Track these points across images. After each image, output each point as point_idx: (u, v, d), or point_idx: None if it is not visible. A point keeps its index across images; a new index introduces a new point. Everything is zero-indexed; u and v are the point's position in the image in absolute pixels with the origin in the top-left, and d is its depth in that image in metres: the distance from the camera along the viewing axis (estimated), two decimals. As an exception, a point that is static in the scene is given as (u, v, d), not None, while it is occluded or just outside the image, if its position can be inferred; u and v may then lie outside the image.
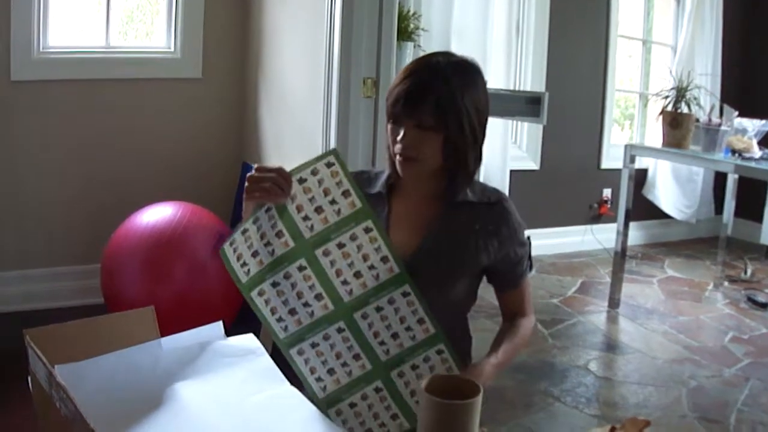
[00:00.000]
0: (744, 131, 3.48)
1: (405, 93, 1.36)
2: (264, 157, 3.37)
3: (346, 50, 2.50)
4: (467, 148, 1.41)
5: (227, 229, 2.99)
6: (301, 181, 1.27)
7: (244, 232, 1.26)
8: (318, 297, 1.28)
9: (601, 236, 4.86)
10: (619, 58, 5.00)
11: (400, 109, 1.37)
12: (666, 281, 4.45)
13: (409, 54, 2.96)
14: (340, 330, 1.29)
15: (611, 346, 3.40)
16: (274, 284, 1.27)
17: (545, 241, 4.71)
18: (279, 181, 1.25)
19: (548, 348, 3.30)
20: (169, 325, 1.35)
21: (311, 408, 1.21)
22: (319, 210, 1.27)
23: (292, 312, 1.28)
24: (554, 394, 2.83)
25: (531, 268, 1.55)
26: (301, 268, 1.27)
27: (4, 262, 3.20)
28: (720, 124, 3.46)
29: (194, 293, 2.70)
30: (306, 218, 1.27)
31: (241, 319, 2.76)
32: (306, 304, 1.28)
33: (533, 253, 1.58)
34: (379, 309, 1.30)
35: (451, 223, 1.45)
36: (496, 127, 4.22)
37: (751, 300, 4.06)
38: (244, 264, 1.26)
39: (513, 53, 4.39)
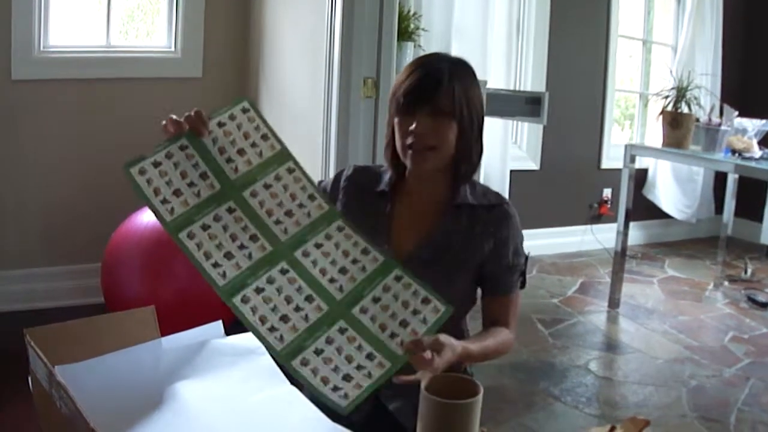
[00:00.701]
0: (744, 131, 3.48)
1: (419, 82, 1.37)
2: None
3: (346, 50, 2.50)
4: (473, 141, 1.44)
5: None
6: (221, 124, 1.29)
7: (157, 164, 1.23)
8: (253, 238, 1.23)
9: (602, 236, 4.86)
10: (619, 57, 5.00)
11: (414, 98, 1.37)
12: (666, 281, 4.45)
13: (410, 54, 2.96)
14: (283, 271, 1.22)
15: (611, 345, 3.40)
16: (204, 227, 1.22)
17: (545, 241, 4.72)
18: (193, 120, 1.25)
19: (548, 348, 3.30)
20: (169, 325, 1.35)
21: (312, 408, 1.21)
22: (241, 152, 1.28)
23: (228, 256, 1.21)
24: (554, 394, 2.83)
25: (524, 284, 1.52)
26: (230, 210, 1.24)
27: (4, 261, 3.20)
28: (720, 124, 3.46)
29: (194, 292, 2.69)
30: (230, 160, 1.27)
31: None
32: (242, 246, 1.22)
33: (533, 253, 1.58)
34: (318, 246, 1.26)
35: (451, 224, 1.45)
36: (496, 127, 4.22)
37: (751, 300, 4.06)
38: (165, 201, 1.23)
39: (513, 53, 4.40)
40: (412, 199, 1.49)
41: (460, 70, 1.42)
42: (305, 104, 2.87)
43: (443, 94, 1.37)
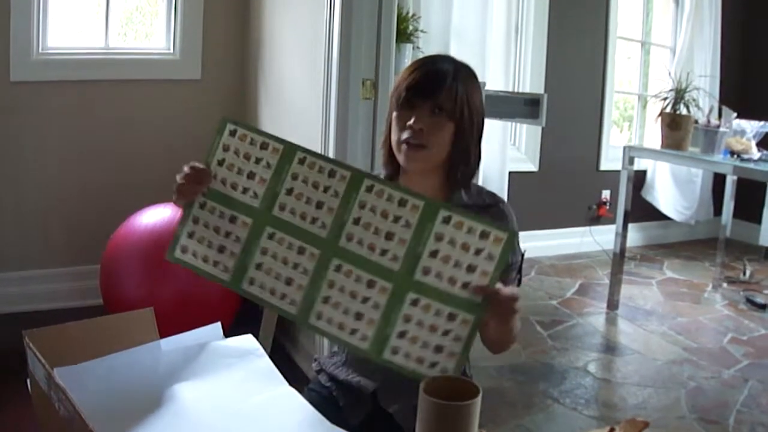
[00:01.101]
0: (743, 133, 3.48)
1: (423, 78, 1.38)
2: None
3: (345, 52, 2.50)
4: (472, 142, 1.44)
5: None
6: (221, 162, 1.28)
7: (191, 235, 1.26)
8: (300, 250, 1.22)
9: (600, 238, 4.87)
10: (618, 59, 5.01)
11: (415, 94, 1.38)
12: (665, 282, 4.45)
13: (408, 56, 2.96)
14: (338, 268, 1.20)
15: (610, 347, 3.40)
16: (258, 266, 1.24)
17: (544, 243, 4.72)
18: (193, 176, 1.28)
19: (547, 349, 3.30)
20: (168, 327, 1.35)
21: (311, 409, 1.21)
22: (251, 175, 1.26)
23: (288, 281, 1.22)
24: (553, 396, 2.83)
25: (519, 282, 1.51)
26: (271, 236, 1.23)
27: (3, 263, 3.20)
28: (719, 126, 3.46)
29: (193, 294, 2.69)
30: (245, 190, 1.26)
31: (239, 319, 2.76)
32: (296, 265, 1.22)
33: (532, 255, 1.58)
34: (356, 221, 1.21)
35: None
36: (494, 128, 4.22)
37: (749, 301, 4.06)
38: (216, 263, 1.26)
39: (512, 55, 4.40)
40: None
41: (464, 72, 1.43)
42: (304, 105, 2.87)
43: (445, 92, 1.37)
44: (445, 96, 1.37)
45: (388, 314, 1.17)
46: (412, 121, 1.38)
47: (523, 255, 1.51)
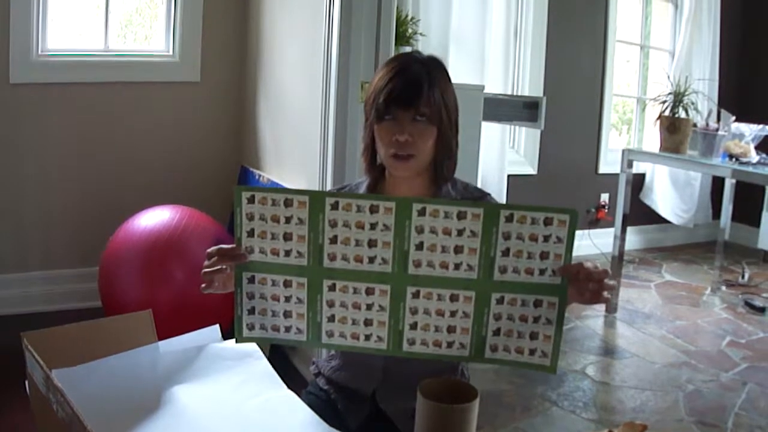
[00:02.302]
0: (741, 136, 3.49)
1: (400, 91, 1.37)
2: (262, 161, 3.37)
3: (344, 54, 2.50)
4: (452, 139, 1.45)
5: (225, 233, 2.99)
6: (251, 233, 1.21)
7: (252, 311, 1.24)
8: (369, 291, 1.20)
9: (599, 241, 4.86)
10: (617, 62, 5.01)
11: (395, 107, 1.38)
12: (663, 286, 4.45)
13: (407, 58, 2.96)
14: (416, 294, 1.20)
15: (609, 350, 3.40)
16: (331, 318, 1.22)
17: (543, 246, 4.71)
18: (229, 257, 1.24)
19: (546, 352, 3.29)
20: (166, 329, 1.35)
21: (309, 412, 1.21)
22: (287, 236, 1.20)
23: (367, 323, 1.21)
24: (552, 399, 2.83)
25: None
26: (332, 288, 1.21)
27: (2, 264, 3.20)
28: (717, 129, 3.47)
29: (192, 297, 2.69)
30: (287, 253, 1.21)
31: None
32: (369, 306, 1.20)
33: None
34: (419, 247, 1.18)
35: None
36: (493, 131, 4.23)
37: (748, 304, 4.07)
38: (287, 329, 1.23)
39: (511, 58, 4.40)
40: None
41: (436, 72, 1.42)
42: (303, 108, 2.88)
43: (424, 102, 1.37)
44: (424, 104, 1.37)
45: (479, 318, 1.20)
46: (398, 136, 1.37)
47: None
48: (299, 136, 2.94)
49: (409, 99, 1.37)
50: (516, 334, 1.20)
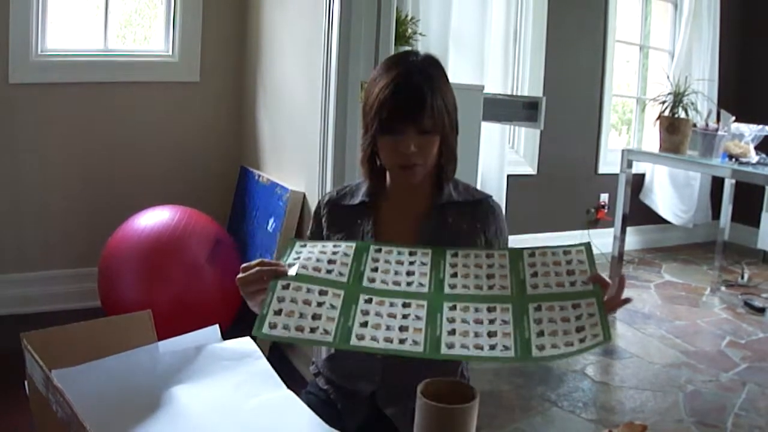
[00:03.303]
0: (741, 136, 3.49)
1: (404, 101, 1.36)
2: (262, 161, 3.37)
3: (343, 54, 2.50)
4: (453, 141, 1.45)
5: (224, 233, 2.99)
6: (295, 258, 1.29)
7: (279, 312, 1.21)
8: (405, 305, 1.22)
9: (599, 241, 4.85)
10: (616, 63, 5.01)
11: (400, 118, 1.37)
12: (663, 286, 4.46)
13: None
14: (452, 308, 1.23)
15: (608, 350, 3.40)
16: (363, 324, 1.20)
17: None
18: (264, 272, 1.24)
19: (545, 352, 3.29)
20: (166, 329, 1.35)
21: (309, 412, 1.21)
22: (331, 262, 1.28)
23: (402, 329, 1.20)
24: (551, 399, 2.83)
25: None
26: (368, 301, 1.22)
27: (2, 264, 3.20)
28: (717, 129, 3.47)
29: (191, 296, 2.70)
30: (329, 272, 1.26)
31: (237, 322, 2.76)
32: (405, 316, 1.21)
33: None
34: (453, 276, 1.28)
35: (438, 224, 1.47)
36: (493, 131, 4.23)
37: (748, 304, 4.07)
38: (313, 330, 1.20)
39: (510, 58, 4.40)
40: (396, 204, 1.51)
41: (436, 77, 1.41)
42: (302, 108, 2.88)
43: (427, 115, 1.36)
44: (428, 117, 1.36)
45: (520, 322, 1.19)
46: (404, 149, 1.37)
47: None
48: (299, 136, 2.94)
49: (414, 114, 1.36)
50: (561, 332, 1.18)
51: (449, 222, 1.46)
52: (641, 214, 5.11)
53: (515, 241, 1.55)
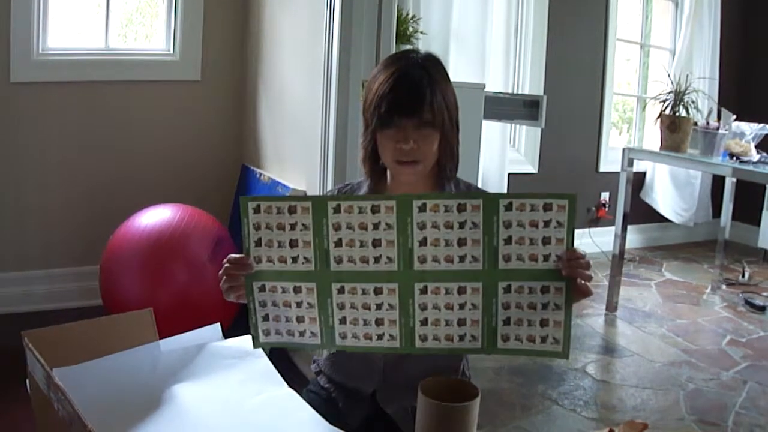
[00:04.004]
0: (742, 135, 3.49)
1: (404, 95, 1.37)
2: (263, 159, 3.37)
3: (344, 53, 2.50)
4: (453, 138, 1.45)
5: (225, 232, 2.99)
6: (258, 242, 1.23)
7: (266, 317, 1.25)
8: (377, 291, 1.20)
9: (599, 239, 4.87)
10: (617, 61, 5.01)
11: (398, 113, 1.37)
12: (664, 284, 4.46)
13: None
14: (424, 290, 1.20)
15: (609, 349, 3.41)
16: (343, 320, 1.22)
17: (543, 244, 4.72)
18: (237, 267, 1.25)
19: (546, 351, 3.29)
20: (167, 327, 1.35)
21: (309, 410, 1.21)
22: (293, 243, 1.21)
23: (379, 322, 1.21)
24: (552, 397, 2.83)
25: None
26: (341, 290, 1.21)
27: (3, 263, 3.20)
28: (718, 128, 3.47)
29: (193, 295, 2.69)
30: (294, 260, 1.22)
31: (238, 321, 2.76)
32: (379, 306, 1.21)
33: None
34: (422, 242, 1.19)
35: None
36: (494, 130, 4.23)
37: (748, 303, 4.07)
38: (302, 333, 1.24)
39: (511, 56, 4.40)
40: None
41: (436, 73, 1.41)
42: (303, 107, 2.88)
43: (427, 108, 1.36)
44: (427, 111, 1.37)
45: (488, 308, 1.19)
46: (403, 144, 1.37)
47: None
48: (300, 134, 2.94)
49: (413, 107, 1.36)
50: (526, 322, 1.19)
51: None
52: (642, 212, 5.11)
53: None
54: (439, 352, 1.22)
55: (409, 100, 1.36)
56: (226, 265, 1.26)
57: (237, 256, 1.26)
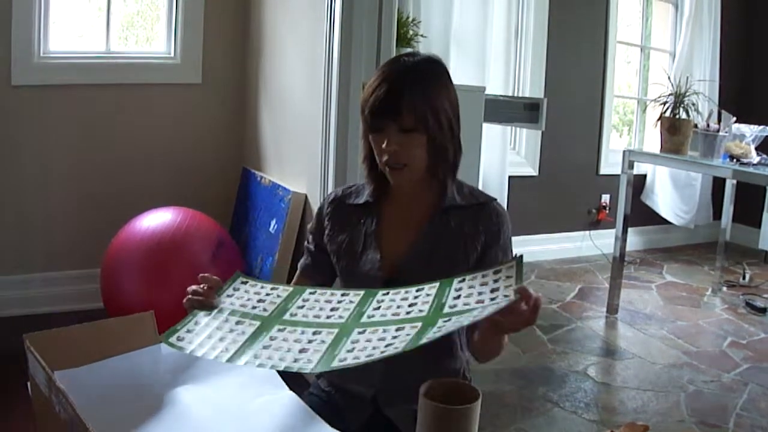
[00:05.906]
0: (742, 137, 3.49)
1: (382, 99, 1.37)
2: (264, 162, 3.38)
3: (345, 56, 2.51)
4: (447, 141, 1.43)
5: (226, 235, 2.99)
6: (229, 296, 1.29)
7: (190, 331, 1.22)
8: (316, 333, 1.17)
9: (600, 242, 4.87)
10: (617, 63, 5.02)
11: (380, 116, 1.38)
12: (664, 286, 4.46)
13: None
14: (362, 330, 1.17)
15: (610, 351, 3.41)
16: (266, 347, 1.16)
17: (544, 247, 4.72)
18: (193, 301, 1.27)
19: (547, 353, 3.30)
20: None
21: (311, 413, 1.21)
22: (261, 301, 1.27)
23: (303, 351, 1.14)
24: (553, 399, 2.83)
25: None
26: (281, 330, 1.19)
27: (4, 266, 3.20)
28: (718, 130, 3.47)
29: (193, 298, 2.69)
30: (254, 308, 1.26)
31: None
32: (310, 341, 1.15)
33: (532, 259, 1.57)
34: (377, 305, 1.21)
35: (440, 227, 1.46)
36: (494, 133, 4.23)
37: (749, 305, 4.07)
38: (215, 348, 1.16)
39: (512, 59, 4.41)
40: (399, 206, 1.51)
41: (426, 76, 1.41)
42: (304, 109, 2.88)
43: (405, 111, 1.36)
44: (406, 114, 1.36)
45: (423, 332, 1.11)
46: (385, 145, 1.38)
47: (521, 258, 1.50)
48: (301, 137, 2.94)
49: (390, 110, 1.36)
50: (476, 294, 1.17)
51: (452, 225, 1.46)
52: (642, 214, 5.11)
53: (516, 242, 1.53)
54: (356, 365, 1.09)
55: (386, 103, 1.36)
56: (190, 297, 1.28)
57: (204, 296, 1.27)
